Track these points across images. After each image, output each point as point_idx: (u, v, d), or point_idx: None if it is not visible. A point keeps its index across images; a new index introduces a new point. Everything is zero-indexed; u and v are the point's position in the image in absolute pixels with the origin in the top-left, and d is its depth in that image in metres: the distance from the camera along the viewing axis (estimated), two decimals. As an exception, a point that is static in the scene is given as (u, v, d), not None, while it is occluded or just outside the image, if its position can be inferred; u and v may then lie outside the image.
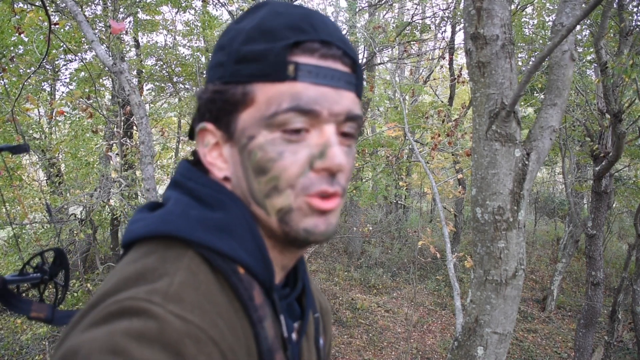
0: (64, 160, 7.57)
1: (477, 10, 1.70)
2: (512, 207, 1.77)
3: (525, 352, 8.04)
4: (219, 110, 0.54)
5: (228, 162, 0.55)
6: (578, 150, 8.46)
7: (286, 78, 0.50)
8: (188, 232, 0.49)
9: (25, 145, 0.93)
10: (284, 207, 0.52)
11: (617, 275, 10.82)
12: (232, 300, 0.50)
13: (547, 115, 1.81)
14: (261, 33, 0.51)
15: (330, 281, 10.33)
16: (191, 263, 0.48)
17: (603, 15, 4.19)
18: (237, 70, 0.52)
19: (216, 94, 0.53)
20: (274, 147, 0.51)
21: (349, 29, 7.65)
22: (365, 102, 10.08)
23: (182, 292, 0.45)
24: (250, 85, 0.52)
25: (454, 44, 9.35)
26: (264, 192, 0.52)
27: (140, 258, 0.49)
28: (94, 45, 3.00)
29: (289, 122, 0.50)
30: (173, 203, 0.53)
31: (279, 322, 0.55)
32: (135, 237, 0.52)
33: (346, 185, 0.55)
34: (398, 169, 8.40)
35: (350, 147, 0.56)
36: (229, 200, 0.54)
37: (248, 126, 0.52)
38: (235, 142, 0.54)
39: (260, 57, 0.51)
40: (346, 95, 0.53)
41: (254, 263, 0.52)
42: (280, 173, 0.51)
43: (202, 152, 0.56)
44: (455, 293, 3.15)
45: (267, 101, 0.51)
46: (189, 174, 0.57)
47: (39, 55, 4.95)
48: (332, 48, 0.52)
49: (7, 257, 6.00)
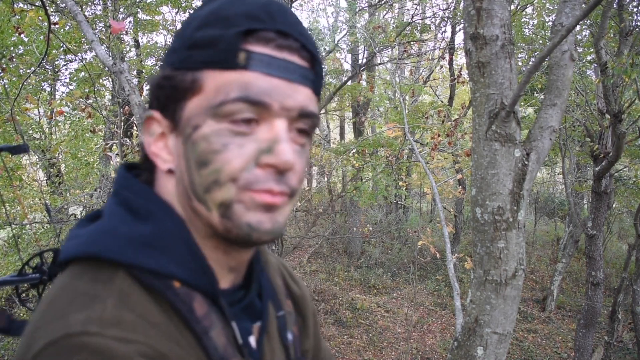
0: (64, 160, 7.57)
1: (476, 11, 1.70)
2: (512, 207, 1.77)
3: (525, 352, 8.03)
4: (167, 98, 0.51)
5: (173, 153, 0.52)
6: (578, 150, 8.46)
7: (237, 66, 0.48)
8: (116, 253, 0.47)
9: (25, 145, 0.93)
10: (225, 200, 0.49)
11: (617, 275, 10.81)
12: (171, 316, 0.48)
13: (546, 116, 1.81)
14: (216, 19, 0.49)
15: (330, 281, 10.32)
16: (123, 284, 0.47)
17: (603, 15, 4.19)
18: (188, 56, 0.50)
19: (165, 80, 0.51)
20: (219, 139, 0.48)
21: (349, 29, 7.66)
22: (365, 102, 10.08)
23: (118, 315, 0.43)
24: (199, 72, 0.49)
25: (454, 44, 9.35)
26: (204, 185, 0.49)
27: (71, 280, 0.47)
28: (94, 45, 3.00)
29: (237, 112, 0.48)
30: (106, 217, 0.51)
31: (232, 328, 0.53)
32: (68, 258, 0.49)
33: (297, 188, 0.52)
34: (398, 169, 8.40)
35: (304, 146, 0.53)
36: (159, 210, 0.52)
37: (194, 115, 0.49)
38: (180, 132, 0.51)
39: (211, 43, 0.48)
40: (301, 90, 0.50)
41: (189, 274, 0.50)
42: (222, 166, 0.48)
43: (147, 141, 0.53)
44: (455, 293, 3.14)
45: (215, 90, 0.48)
46: (124, 182, 0.54)
47: (38, 55, 4.95)
48: (289, 39, 0.49)
49: (6, 257, 6.00)
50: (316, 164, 12.22)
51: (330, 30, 7.66)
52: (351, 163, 7.92)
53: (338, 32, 7.70)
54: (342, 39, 7.93)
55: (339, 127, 15.54)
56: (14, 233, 5.46)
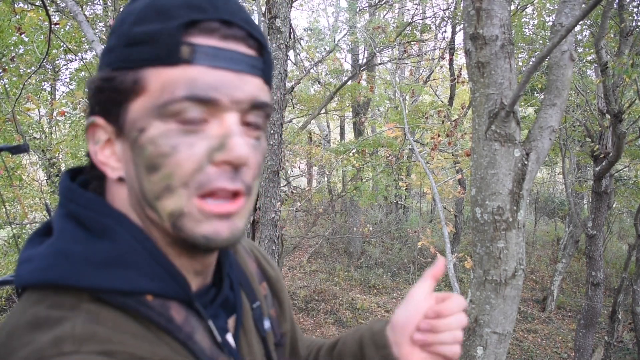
0: (64, 160, 7.57)
1: (476, 11, 1.70)
2: (512, 207, 1.77)
3: (525, 352, 8.03)
4: (108, 101, 0.47)
5: (121, 160, 0.49)
6: (578, 150, 8.46)
7: (180, 61, 0.44)
8: (75, 278, 0.44)
9: (25, 145, 0.93)
10: (175, 210, 0.46)
11: (617, 275, 10.81)
12: (149, 327, 0.46)
13: (546, 116, 1.81)
14: (155, 12, 0.45)
15: (330, 281, 10.32)
16: (90, 306, 0.44)
17: (603, 15, 4.19)
18: (127, 54, 0.46)
19: (104, 82, 0.47)
20: (167, 140, 0.45)
21: (349, 29, 7.66)
22: (365, 102, 10.07)
23: (89, 329, 0.41)
24: (141, 71, 0.45)
25: (454, 44, 9.35)
26: (155, 192, 0.46)
27: (30, 309, 0.43)
28: (94, 45, 3.00)
29: (184, 111, 0.44)
30: (58, 234, 0.47)
31: (209, 328, 0.52)
32: (24, 284, 0.46)
33: (253, 184, 0.49)
34: (398, 169, 8.40)
35: (259, 139, 0.50)
36: (114, 223, 0.48)
37: (139, 117, 0.46)
38: (126, 137, 0.47)
39: (152, 39, 0.45)
40: (250, 80, 0.47)
41: (160, 285, 0.48)
42: (173, 170, 0.45)
43: (93, 150, 0.49)
44: (455, 293, 3.15)
45: (160, 88, 0.45)
46: (69, 193, 0.50)
47: (39, 55, 4.96)
48: (234, 28, 0.46)
49: (6, 257, 6.00)
50: (316, 164, 12.22)
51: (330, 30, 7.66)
52: (351, 163, 7.92)
53: (338, 32, 7.70)
54: (342, 39, 7.93)
55: (339, 127, 15.54)
56: (14, 233, 5.46)
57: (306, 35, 8.07)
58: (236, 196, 0.47)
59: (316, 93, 8.60)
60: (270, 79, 0.52)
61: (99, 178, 0.52)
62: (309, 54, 7.48)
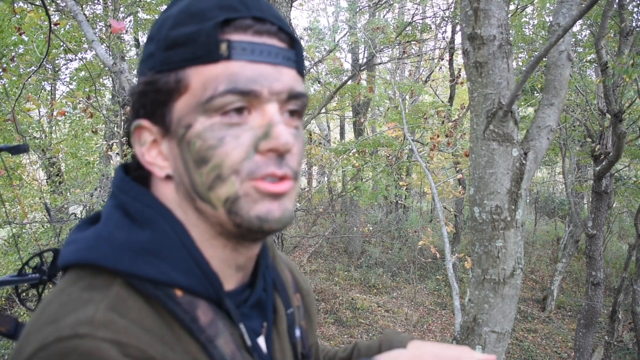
0: (64, 160, 7.58)
1: (474, 11, 1.70)
2: (510, 207, 1.77)
3: (525, 352, 8.04)
4: (153, 103, 0.50)
5: (168, 158, 0.51)
6: (578, 150, 8.46)
7: (220, 58, 0.47)
8: (113, 261, 0.46)
9: (25, 145, 0.94)
10: (230, 195, 0.48)
11: (617, 275, 10.81)
12: (170, 323, 0.47)
13: (544, 115, 1.82)
14: (190, 16, 0.48)
15: (330, 281, 10.33)
16: (120, 290, 0.46)
17: (603, 15, 4.20)
18: (168, 57, 0.48)
19: (148, 86, 0.49)
20: (214, 133, 0.47)
21: (349, 29, 7.66)
22: (365, 102, 10.08)
23: (109, 317, 0.42)
24: (183, 71, 0.48)
25: (454, 44, 9.35)
26: (207, 184, 0.48)
27: (67, 287, 0.46)
28: (94, 45, 3.00)
29: (227, 105, 0.47)
30: (104, 221, 0.50)
31: (240, 331, 0.52)
32: (65, 264, 0.49)
33: (298, 169, 0.52)
34: (398, 169, 8.40)
35: (298, 129, 0.53)
36: (157, 215, 0.50)
37: (184, 115, 0.49)
38: (173, 135, 0.50)
39: (190, 40, 0.47)
40: (286, 72, 0.50)
41: (192, 282, 0.49)
42: (222, 160, 0.47)
43: (140, 152, 0.52)
44: (455, 293, 3.15)
45: (202, 85, 0.47)
46: (122, 185, 0.53)
47: (39, 55, 4.96)
48: (267, 24, 0.49)
49: (6, 256, 6.01)
50: (316, 164, 12.22)
51: (330, 30, 7.67)
52: (351, 163, 7.93)
53: (338, 32, 7.70)
54: (342, 38, 7.93)
55: (339, 127, 15.55)
56: (13, 232, 5.47)
57: (306, 35, 8.07)
58: (284, 179, 0.49)
59: (316, 93, 8.61)
60: (303, 70, 0.54)
61: (144, 178, 0.55)
62: (309, 53, 7.48)
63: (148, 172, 0.54)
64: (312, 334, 0.72)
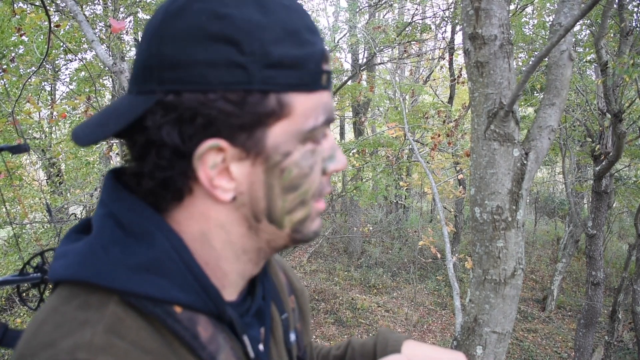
0: (64, 160, 7.58)
1: (475, 11, 1.70)
2: (511, 207, 1.77)
3: (525, 352, 8.04)
4: (239, 124, 0.44)
5: (236, 181, 0.47)
6: (578, 150, 8.47)
7: (320, 87, 0.48)
8: (108, 279, 0.43)
9: (25, 145, 0.94)
10: (303, 218, 0.51)
11: (617, 275, 10.82)
12: (170, 342, 0.45)
13: (545, 115, 1.82)
14: (288, 34, 0.45)
15: (330, 281, 10.33)
16: (117, 309, 0.43)
17: (603, 15, 4.20)
18: (271, 77, 0.44)
19: (234, 106, 0.44)
20: (307, 161, 0.48)
21: (349, 29, 7.66)
22: (365, 102, 10.08)
23: (108, 340, 0.41)
24: (286, 95, 0.45)
25: (454, 44, 9.35)
26: (288, 208, 0.49)
27: (60, 305, 0.44)
28: (94, 45, 3.00)
29: (319, 133, 0.49)
30: (96, 233, 0.47)
31: (242, 343, 0.51)
32: (57, 279, 0.46)
33: None
34: (398, 169, 8.40)
35: None
36: (154, 228, 0.47)
37: (283, 142, 0.46)
38: (262, 160, 0.46)
39: (298, 65, 0.45)
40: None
41: (192, 298, 0.47)
42: (310, 186, 0.49)
43: (206, 175, 0.46)
44: (455, 293, 3.15)
45: (303, 113, 0.46)
46: (115, 194, 0.49)
47: (39, 55, 4.96)
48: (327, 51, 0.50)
49: (7, 256, 6.01)
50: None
51: (330, 30, 7.66)
52: (351, 163, 7.93)
53: (338, 32, 7.69)
54: (342, 38, 7.93)
55: (339, 127, 15.54)
56: (14, 232, 5.47)
57: (306, 35, 8.06)
58: None
59: (316, 93, 8.59)
60: None
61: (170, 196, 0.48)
62: (309, 53, 7.46)
63: (175, 192, 0.48)
64: (307, 334, 0.72)
